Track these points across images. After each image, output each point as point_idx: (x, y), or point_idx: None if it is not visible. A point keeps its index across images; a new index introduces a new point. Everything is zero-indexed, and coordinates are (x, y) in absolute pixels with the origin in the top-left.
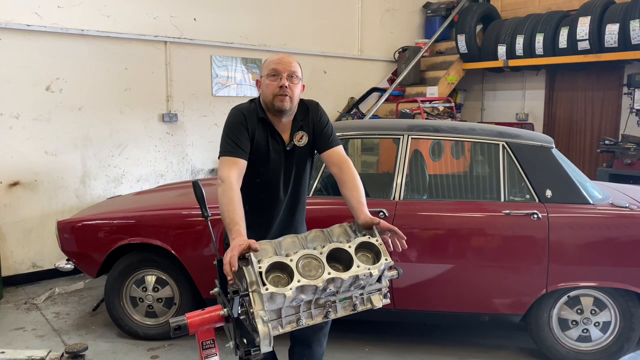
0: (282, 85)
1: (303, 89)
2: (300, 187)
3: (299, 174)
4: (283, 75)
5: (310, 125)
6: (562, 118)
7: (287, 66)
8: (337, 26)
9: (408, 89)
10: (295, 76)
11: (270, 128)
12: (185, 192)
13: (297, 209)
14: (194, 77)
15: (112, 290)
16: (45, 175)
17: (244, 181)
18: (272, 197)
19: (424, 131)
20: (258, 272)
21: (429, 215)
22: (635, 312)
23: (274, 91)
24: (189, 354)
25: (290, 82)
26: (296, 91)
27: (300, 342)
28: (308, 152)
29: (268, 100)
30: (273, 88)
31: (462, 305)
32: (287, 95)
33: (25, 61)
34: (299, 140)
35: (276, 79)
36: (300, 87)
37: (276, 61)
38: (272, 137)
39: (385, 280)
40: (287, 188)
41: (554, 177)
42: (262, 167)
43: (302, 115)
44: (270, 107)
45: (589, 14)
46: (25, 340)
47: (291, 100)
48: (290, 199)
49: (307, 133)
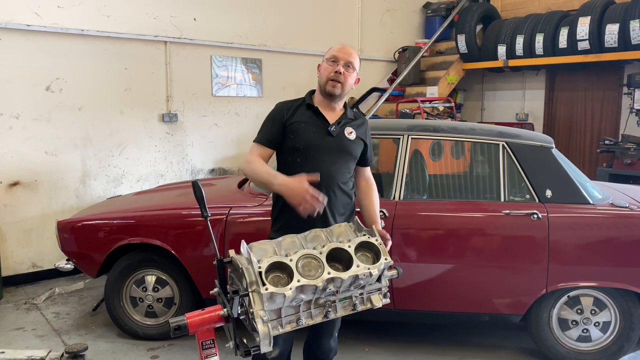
0: (337, 70)
1: (357, 82)
2: (341, 176)
3: (340, 160)
4: (340, 62)
5: (361, 133)
6: (562, 118)
7: (347, 55)
8: (337, 26)
9: (408, 89)
10: (351, 66)
11: (315, 110)
12: (185, 192)
13: (335, 196)
14: (194, 77)
15: (112, 290)
16: (45, 175)
17: (286, 163)
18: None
19: (424, 131)
20: (258, 272)
21: (429, 215)
22: (635, 312)
23: (329, 75)
24: (189, 354)
25: (345, 70)
26: (349, 80)
27: (313, 332)
28: (354, 148)
29: (322, 82)
30: (329, 72)
31: (462, 305)
32: (340, 81)
33: (25, 61)
34: (349, 133)
35: (334, 65)
36: (354, 78)
37: (338, 49)
38: (316, 117)
39: (385, 280)
40: (328, 171)
41: (554, 177)
42: (304, 143)
43: (354, 119)
44: (322, 89)
45: (589, 14)
46: (25, 340)
47: (342, 87)
48: (330, 184)
49: (356, 133)
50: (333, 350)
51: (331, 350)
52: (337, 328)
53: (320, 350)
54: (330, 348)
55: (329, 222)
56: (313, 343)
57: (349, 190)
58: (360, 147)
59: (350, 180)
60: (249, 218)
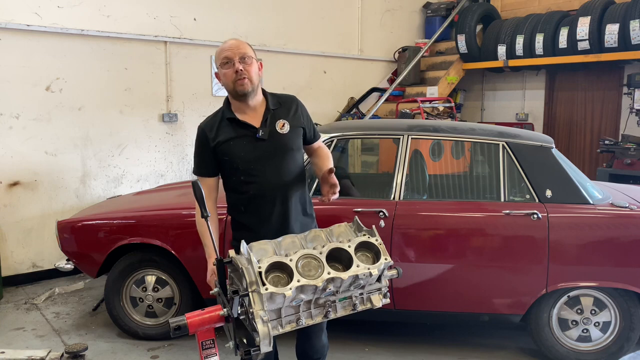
0: (236, 70)
1: (261, 67)
2: (291, 177)
3: (283, 162)
4: (235, 59)
5: (294, 117)
6: (562, 118)
7: (236, 50)
8: (337, 26)
9: (408, 89)
10: (247, 57)
11: (236, 121)
12: (185, 192)
13: (291, 200)
14: (194, 77)
15: (112, 290)
16: (45, 175)
17: (231, 183)
18: (261, 191)
19: (424, 131)
20: (258, 272)
21: (429, 215)
22: (635, 312)
23: (231, 78)
24: (189, 354)
25: (243, 64)
26: (252, 70)
27: (302, 334)
28: (292, 141)
29: (230, 88)
30: (230, 75)
31: (462, 305)
32: (245, 77)
33: (25, 61)
34: (281, 127)
35: (230, 66)
36: (256, 66)
37: (225, 49)
38: (240, 127)
39: (385, 280)
40: (276, 178)
41: (554, 177)
42: (240, 162)
43: (279, 105)
44: (234, 94)
45: (589, 14)
46: (25, 340)
47: (251, 81)
48: (282, 190)
49: (289, 122)
50: (326, 345)
51: (324, 346)
52: (325, 323)
53: (314, 349)
54: (323, 344)
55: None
56: (305, 344)
57: (301, 187)
58: (298, 134)
59: (301, 174)
60: None
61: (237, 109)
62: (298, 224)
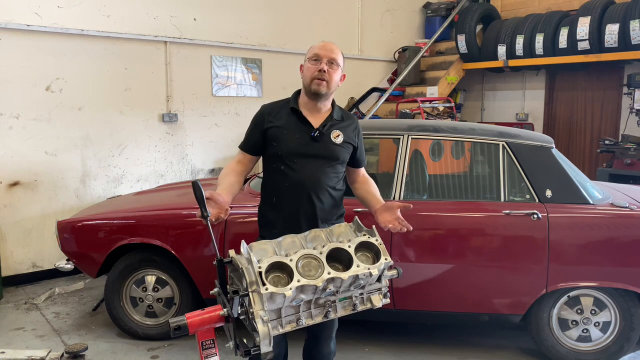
0: (321, 69)
1: (343, 79)
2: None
3: (325, 167)
4: (323, 60)
5: (349, 135)
6: (562, 118)
7: (329, 52)
8: (337, 26)
9: (408, 89)
10: (335, 63)
11: (299, 114)
12: (185, 192)
13: (322, 204)
14: (194, 77)
15: (112, 290)
16: (45, 175)
17: (270, 170)
18: (296, 185)
19: (424, 131)
20: (258, 272)
21: (429, 215)
22: (635, 312)
23: (312, 74)
24: (189, 354)
25: (329, 67)
26: (334, 77)
27: (311, 337)
28: (340, 152)
29: (306, 82)
30: (312, 71)
31: (462, 305)
32: (325, 79)
33: (25, 61)
34: (336, 137)
35: (317, 64)
36: (339, 74)
37: (319, 47)
38: (299, 121)
39: (385, 280)
40: (313, 179)
41: (554, 177)
42: (286, 151)
43: (341, 120)
44: (307, 89)
45: (589, 14)
46: (25, 340)
47: (328, 85)
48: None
49: (344, 135)
50: (332, 352)
51: (330, 352)
52: (334, 330)
53: (320, 354)
54: (330, 351)
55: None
56: (312, 348)
57: (336, 195)
58: (348, 150)
59: (339, 184)
60: (249, 218)
61: (303, 105)
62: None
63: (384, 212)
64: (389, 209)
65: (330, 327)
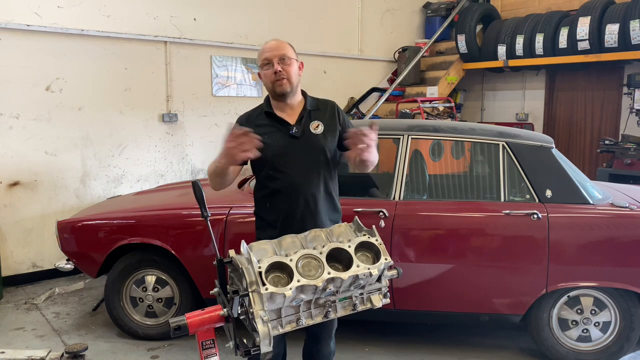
0: (275, 71)
1: (302, 67)
2: (318, 177)
3: (312, 161)
4: (274, 61)
5: (329, 119)
6: (562, 118)
7: (276, 51)
8: (337, 26)
9: (408, 89)
10: (286, 58)
11: (273, 116)
12: (185, 192)
13: (316, 200)
14: (194, 77)
15: (112, 290)
16: (45, 175)
17: (260, 177)
18: (287, 186)
19: (424, 131)
20: (258, 272)
21: (429, 215)
22: (635, 312)
23: (271, 79)
24: (189, 354)
25: (282, 64)
26: (292, 71)
27: (310, 337)
28: (325, 142)
29: (270, 88)
30: (269, 76)
31: (462, 305)
32: (284, 77)
33: (25, 61)
34: (315, 127)
35: (270, 67)
36: (295, 66)
37: (265, 50)
38: (276, 122)
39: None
40: (302, 176)
41: (554, 177)
42: (270, 155)
43: (316, 108)
44: (273, 94)
45: (589, 14)
46: (25, 340)
47: (289, 82)
48: (307, 189)
49: (324, 124)
50: (332, 352)
51: (330, 352)
52: (334, 329)
53: (321, 353)
54: (330, 351)
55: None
56: (312, 348)
57: (331, 189)
58: (332, 136)
59: (333, 178)
60: (249, 218)
61: (275, 107)
62: (321, 225)
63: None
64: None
65: (331, 326)
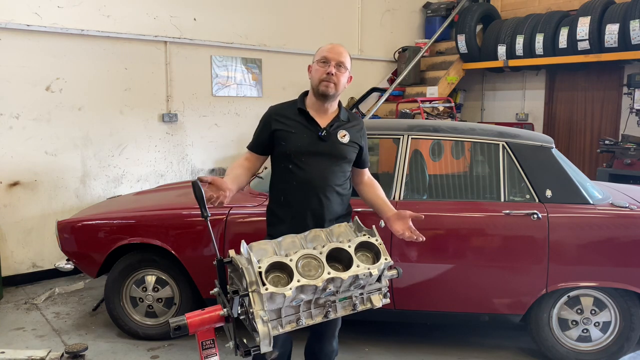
0: (329, 72)
1: (350, 80)
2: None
3: (332, 166)
4: (332, 63)
5: (355, 135)
6: (562, 118)
7: (337, 55)
8: (337, 26)
9: (408, 89)
10: (343, 66)
11: (306, 114)
12: (185, 192)
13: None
14: (194, 77)
15: (112, 290)
16: (45, 175)
17: (279, 169)
18: (303, 184)
19: (424, 131)
20: (258, 272)
21: (429, 215)
22: (635, 312)
23: (321, 76)
24: (189, 354)
25: (337, 70)
26: (342, 79)
27: (314, 335)
28: (347, 152)
29: (315, 84)
30: (321, 73)
31: (462, 305)
32: (332, 82)
33: (25, 61)
34: (342, 136)
35: (325, 66)
36: (346, 77)
37: (328, 49)
38: (307, 121)
39: (385, 280)
40: (320, 177)
41: (554, 177)
42: (293, 150)
43: (347, 121)
44: (315, 91)
45: (589, 14)
46: (25, 340)
47: (336, 87)
48: (322, 190)
49: (350, 136)
50: (335, 351)
51: (333, 351)
52: (338, 328)
53: (323, 352)
54: (332, 349)
55: (323, 225)
56: (315, 346)
57: (343, 194)
58: (354, 150)
59: (346, 184)
60: (249, 218)
61: (310, 105)
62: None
63: (397, 220)
64: (401, 218)
65: (334, 325)
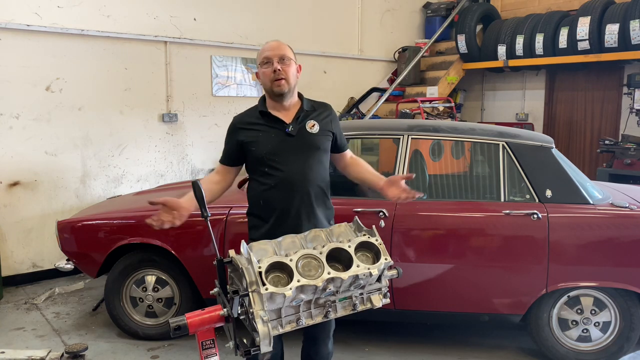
0: (275, 70)
1: (300, 69)
2: (313, 175)
3: (308, 160)
4: (274, 60)
5: (325, 123)
6: (562, 118)
7: (276, 51)
8: (337, 26)
9: (408, 89)
10: (286, 58)
11: (269, 115)
12: (185, 192)
13: (311, 198)
14: (194, 77)
15: (112, 290)
16: (45, 175)
17: (254, 175)
18: (282, 183)
19: (424, 131)
20: (258, 272)
21: (429, 215)
22: (635, 312)
23: (270, 77)
24: (189, 354)
25: (282, 64)
26: (290, 71)
27: (308, 338)
28: (320, 141)
29: (268, 88)
30: (268, 75)
31: (462, 305)
32: (282, 77)
33: (25, 61)
34: (311, 127)
35: (269, 66)
36: (294, 67)
37: (266, 49)
38: (272, 121)
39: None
40: (298, 174)
41: (554, 177)
42: (265, 153)
43: (313, 110)
44: (271, 93)
45: (589, 14)
46: (25, 340)
47: (287, 82)
48: (303, 186)
49: (319, 124)
50: (330, 352)
51: (329, 353)
52: (332, 330)
53: (319, 354)
54: (328, 351)
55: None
56: (310, 349)
57: (324, 186)
58: (327, 138)
59: (325, 175)
60: None
61: (271, 107)
62: (314, 223)
63: (390, 187)
64: (393, 183)
65: (329, 327)
